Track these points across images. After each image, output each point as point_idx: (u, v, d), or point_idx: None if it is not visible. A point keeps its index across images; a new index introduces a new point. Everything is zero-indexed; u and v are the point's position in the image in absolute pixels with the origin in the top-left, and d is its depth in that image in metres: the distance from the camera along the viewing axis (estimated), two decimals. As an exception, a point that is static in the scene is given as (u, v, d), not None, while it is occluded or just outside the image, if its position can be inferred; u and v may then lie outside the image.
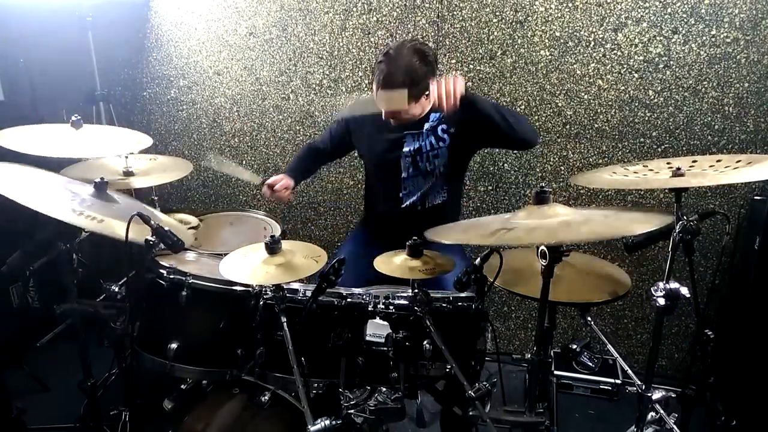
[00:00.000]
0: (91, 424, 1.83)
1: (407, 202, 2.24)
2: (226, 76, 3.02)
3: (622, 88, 2.51)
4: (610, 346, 1.94)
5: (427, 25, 2.66)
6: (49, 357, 2.74)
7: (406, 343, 1.56)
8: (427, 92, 2.04)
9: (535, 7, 2.51)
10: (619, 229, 1.35)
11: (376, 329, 1.59)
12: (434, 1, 2.62)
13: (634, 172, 1.55)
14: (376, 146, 2.24)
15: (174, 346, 1.66)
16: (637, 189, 2.55)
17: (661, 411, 1.61)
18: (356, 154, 2.45)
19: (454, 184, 2.26)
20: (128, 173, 2.05)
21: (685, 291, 1.41)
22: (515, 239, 1.35)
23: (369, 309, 1.63)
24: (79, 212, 1.41)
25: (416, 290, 1.59)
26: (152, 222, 1.42)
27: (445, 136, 2.14)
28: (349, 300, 1.66)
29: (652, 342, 1.55)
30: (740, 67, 2.37)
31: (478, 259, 1.53)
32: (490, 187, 2.79)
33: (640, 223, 1.32)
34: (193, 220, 2.11)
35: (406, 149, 2.16)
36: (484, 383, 1.41)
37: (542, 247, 1.35)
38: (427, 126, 2.14)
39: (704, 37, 2.37)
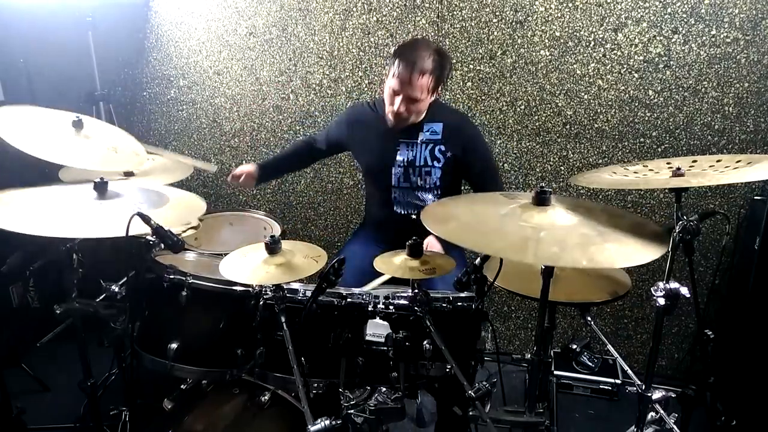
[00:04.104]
0: (91, 424, 1.82)
1: (400, 210, 2.25)
2: (226, 76, 3.02)
3: (622, 88, 2.51)
4: (610, 346, 1.94)
5: (427, 25, 2.66)
6: (49, 357, 2.74)
7: (406, 343, 1.56)
8: (430, 91, 2.05)
9: (535, 7, 2.51)
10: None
11: (376, 329, 1.58)
12: (434, 1, 2.62)
13: (634, 172, 1.55)
14: (370, 150, 2.24)
15: (174, 346, 1.66)
16: (637, 189, 2.55)
17: (661, 411, 1.61)
18: (353, 154, 2.45)
19: None
20: (128, 173, 2.05)
21: (685, 291, 1.41)
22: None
23: (369, 309, 1.63)
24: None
25: (416, 290, 1.59)
26: (152, 222, 1.41)
27: (441, 156, 2.14)
28: (349, 300, 1.65)
29: (652, 342, 1.54)
30: (740, 67, 2.37)
31: (478, 259, 1.53)
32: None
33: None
34: (193, 220, 2.10)
35: (399, 158, 2.16)
36: (484, 383, 1.41)
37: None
38: (421, 137, 2.14)
39: (704, 37, 2.37)
